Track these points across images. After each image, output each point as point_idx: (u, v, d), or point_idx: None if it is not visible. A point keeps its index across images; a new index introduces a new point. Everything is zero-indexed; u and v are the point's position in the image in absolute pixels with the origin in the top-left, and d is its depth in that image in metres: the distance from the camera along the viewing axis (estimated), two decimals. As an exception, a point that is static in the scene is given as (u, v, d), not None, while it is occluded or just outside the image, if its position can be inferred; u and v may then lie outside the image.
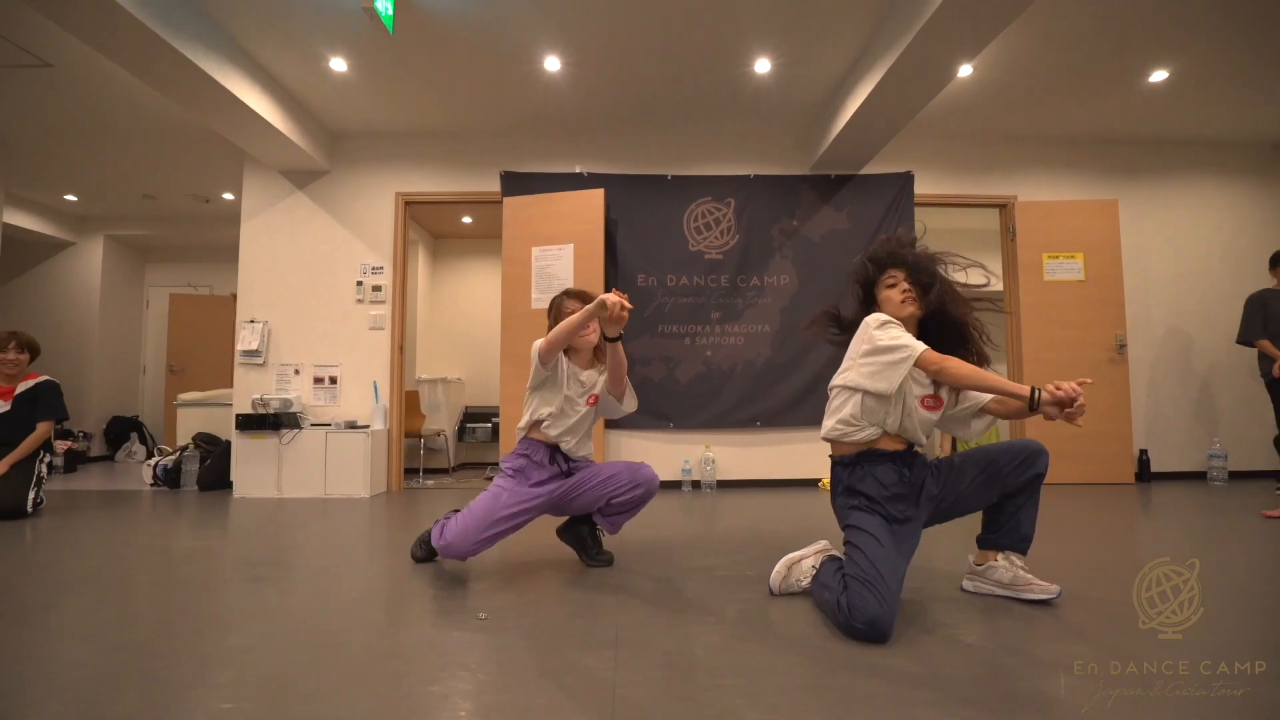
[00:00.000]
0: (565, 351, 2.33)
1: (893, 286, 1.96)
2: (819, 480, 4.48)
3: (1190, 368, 4.78)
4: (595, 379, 2.36)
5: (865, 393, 1.84)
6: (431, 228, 6.69)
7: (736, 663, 1.50)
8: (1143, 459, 4.57)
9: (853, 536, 1.80)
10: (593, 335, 2.33)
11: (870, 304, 2.03)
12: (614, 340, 2.21)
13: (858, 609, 1.62)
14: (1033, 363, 4.54)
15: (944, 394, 1.93)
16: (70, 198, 6.01)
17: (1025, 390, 1.69)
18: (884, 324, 1.86)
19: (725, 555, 2.56)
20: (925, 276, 1.94)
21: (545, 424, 2.30)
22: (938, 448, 4.97)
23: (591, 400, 2.35)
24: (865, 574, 1.68)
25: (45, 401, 3.60)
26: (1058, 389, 1.65)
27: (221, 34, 3.40)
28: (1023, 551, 1.96)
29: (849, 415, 1.87)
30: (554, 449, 2.33)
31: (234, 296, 5.65)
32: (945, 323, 1.96)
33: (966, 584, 2.04)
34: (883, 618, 1.60)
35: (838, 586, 1.74)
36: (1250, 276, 4.63)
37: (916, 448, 1.93)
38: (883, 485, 1.83)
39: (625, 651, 1.56)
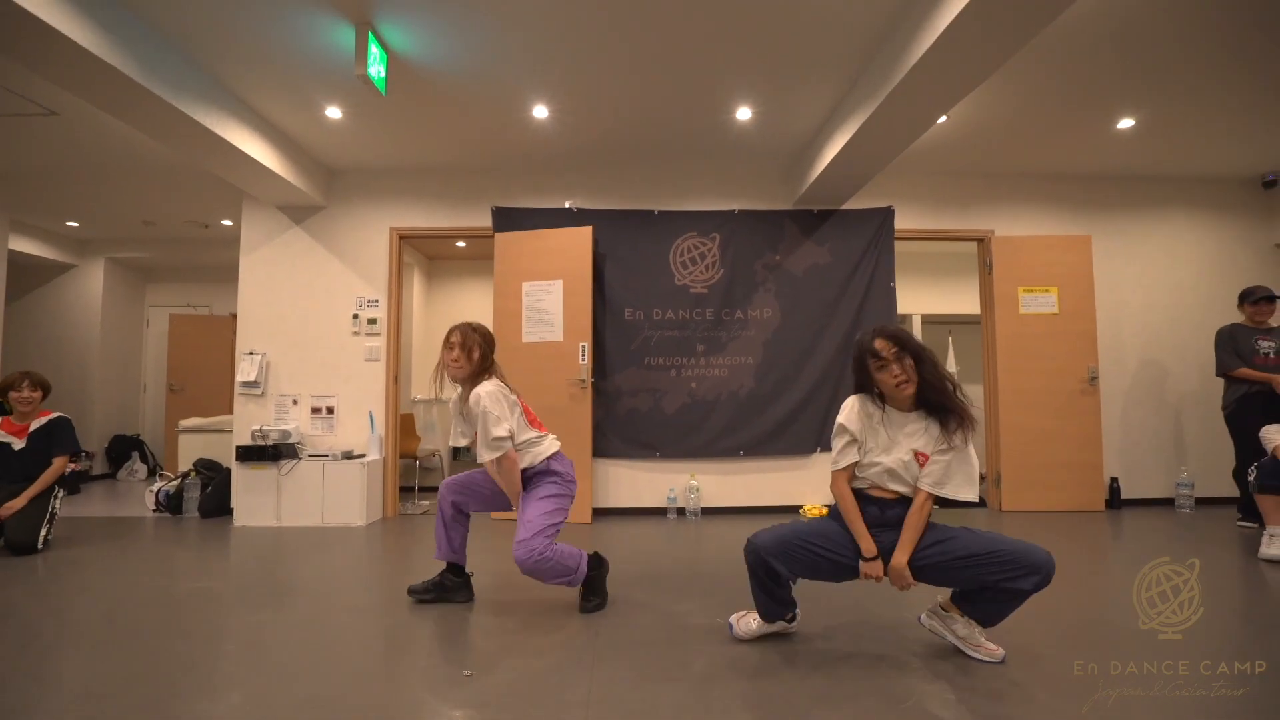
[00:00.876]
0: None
1: (883, 369, 1.99)
2: (799, 508, 4.63)
3: (1162, 398, 4.92)
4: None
5: None
6: (427, 251, 6.83)
7: (695, 726, 1.65)
8: (1113, 486, 4.73)
9: None
10: (453, 369, 2.52)
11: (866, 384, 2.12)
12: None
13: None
14: (1008, 392, 4.68)
15: (933, 452, 2.01)
16: (72, 224, 6.14)
17: (865, 547, 2.00)
18: (837, 431, 2.10)
19: (701, 596, 2.72)
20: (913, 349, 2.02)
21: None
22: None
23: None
24: (778, 525, 2.09)
25: (59, 436, 3.75)
26: (867, 574, 2.01)
27: (218, 86, 3.52)
28: (986, 626, 2.07)
29: None
30: None
31: (233, 316, 5.78)
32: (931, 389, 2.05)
33: (925, 619, 2.18)
34: (759, 538, 2.04)
35: None
36: (1218, 308, 4.78)
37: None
38: None
39: (594, 710, 1.71)
